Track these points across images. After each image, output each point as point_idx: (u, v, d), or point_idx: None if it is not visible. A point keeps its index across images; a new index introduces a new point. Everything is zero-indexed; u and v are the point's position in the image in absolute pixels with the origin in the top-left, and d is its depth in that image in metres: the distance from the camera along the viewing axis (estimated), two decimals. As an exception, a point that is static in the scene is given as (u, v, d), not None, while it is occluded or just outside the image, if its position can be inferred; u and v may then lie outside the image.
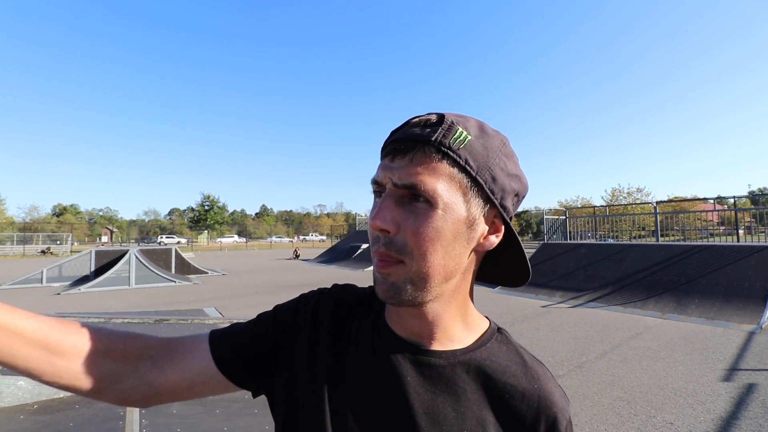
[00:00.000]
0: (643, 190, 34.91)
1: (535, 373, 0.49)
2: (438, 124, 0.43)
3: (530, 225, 67.21)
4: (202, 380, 0.51)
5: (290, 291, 10.48)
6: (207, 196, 59.81)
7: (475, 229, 0.45)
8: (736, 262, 7.25)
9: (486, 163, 0.44)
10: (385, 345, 0.50)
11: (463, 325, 0.51)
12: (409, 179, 0.42)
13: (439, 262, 0.43)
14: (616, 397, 3.53)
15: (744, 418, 3.10)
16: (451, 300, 0.48)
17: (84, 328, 0.49)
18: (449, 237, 0.43)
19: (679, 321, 6.31)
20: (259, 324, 0.56)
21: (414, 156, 0.42)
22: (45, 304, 8.64)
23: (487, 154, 0.44)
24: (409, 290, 0.44)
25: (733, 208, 13.34)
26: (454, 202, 0.43)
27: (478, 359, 0.49)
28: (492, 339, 0.52)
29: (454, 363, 0.48)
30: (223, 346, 0.52)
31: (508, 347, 0.51)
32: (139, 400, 0.51)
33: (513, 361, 0.50)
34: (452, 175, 0.43)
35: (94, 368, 0.47)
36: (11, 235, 37.42)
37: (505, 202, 0.47)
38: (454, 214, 0.43)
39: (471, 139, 0.44)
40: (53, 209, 74.50)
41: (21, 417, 2.55)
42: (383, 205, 0.43)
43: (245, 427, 2.69)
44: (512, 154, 0.48)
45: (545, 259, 10.48)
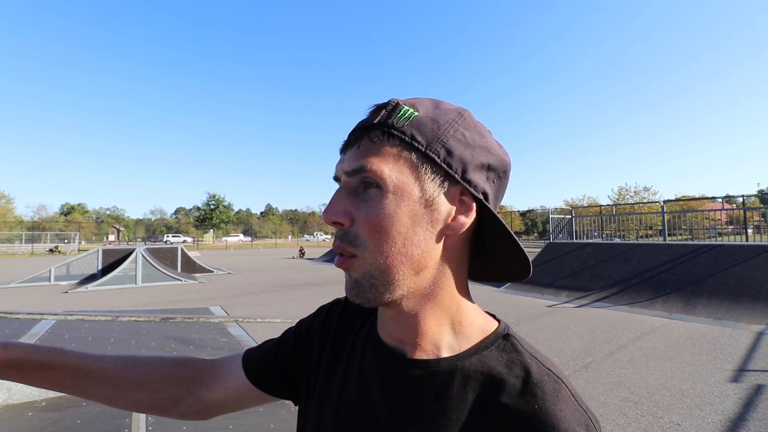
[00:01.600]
0: (651, 189, 34.63)
1: (539, 390, 0.39)
2: (383, 108, 0.42)
3: (536, 224, 66.96)
4: (242, 394, 0.57)
5: (295, 290, 10.51)
6: (213, 196, 60.12)
7: (436, 209, 0.41)
8: (745, 261, 7.16)
9: (437, 136, 0.40)
10: (370, 352, 0.48)
11: (453, 328, 0.44)
12: (355, 164, 0.40)
13: (399, 250, 0.40)
14: (622, 397, 3.51)
15: (752, 420, 3.06)
16: (431, 297, 0.43)
17: (145, 361, 0.58)
18: (405, 221, 0.39)
19: (686, 321, 6.25)
20: (283, 338, 0.60)
21: (360, 143, 0.41)
22: (53, 302, 8.74)
23: (437, 126, 0.40)
24: (371, 286, 0.40)
25: (742, 207, 13.18)
26: (405, 182, 0.40)
27: (466, 370, 0.42)
28: (492, 346, 0.43)
29: (434, 373, 0.42)
30: (252, 363, 0.58)
31: (511, 356, 0.42)
32: (197, 415, 0.59)
33: (513, 374, 0.40)
34: (399, 154, 0.40)
35: (156, 396, 0.56)
36: (20, 234, 37.88)
37: (469, 175, 0.41)
38: (406, 195, 0.39)
39: (418, 114, 0.41)
40: (61, 208, 75.37)
41: (30, 414, 2.58)
42: (334, 197, 0.42)
43: (250, 425, 2.70)
44: (474, 126, 0.43)
45: (551, 259, 10.42)
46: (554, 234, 12.92)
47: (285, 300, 8.96)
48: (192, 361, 0.60)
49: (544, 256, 10.71)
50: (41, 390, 2.79)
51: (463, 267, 0.45)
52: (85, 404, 2.73)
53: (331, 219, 0.41)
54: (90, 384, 0.54)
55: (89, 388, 0.54)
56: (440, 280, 0.43)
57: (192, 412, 0.58)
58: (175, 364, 0.59)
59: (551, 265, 10.11)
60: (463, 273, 0.45)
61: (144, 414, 2.57)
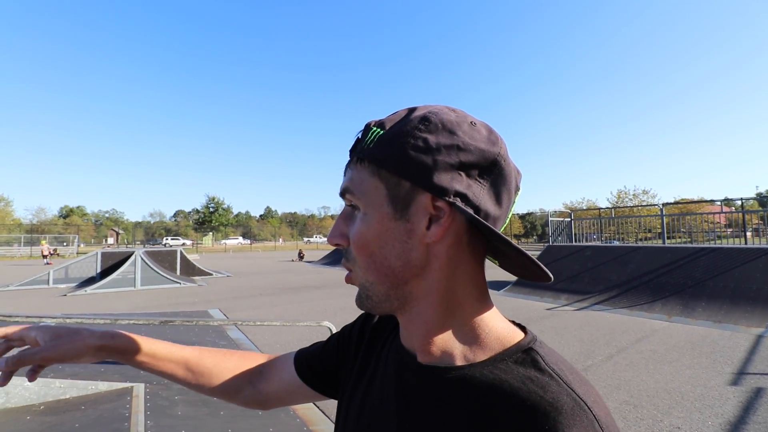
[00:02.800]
0: (650, 191, 34.76)
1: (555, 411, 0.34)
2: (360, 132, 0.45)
3: (535, 227, 67.04)
4: (293, 389, 0.63)
5: (294, 293, 10.49)
6: (212, 198, 60.09)
7: (409, 221, 0.41)
8: (744, 264, 7.17)
9: (396, 150, 0.41)
10: (392, 355, 0.50)
11: (465, 336, 0.43)
12: (340, 191, 0.46)
13: (380, 264, 0.42)
14: (622, 400, 3.50)
15: (752, 423, 3.06)
16: (433, 305, 0.43)
17: (215, 353, 0.68)
18: (380, 237, 0.42)
19: (685, 324, 6.24)
20: (329, 340, 0.65)
21: (346, 169, 0.46)
22: (51, 305, 8.71)
23: (396, 139, 0.41)
24: (366, 297, 0.45)
25: (741, 210, 13.21)
26: (376, 201, 0.42)
27: (476, 381, 0.40)
28: (509, 359, 0.40)
29: (437, 382, 0.42)
30: (301, 361, 0.64)
31: (529, 371, 0.38)
32: (257, 404, 0.67)
33: (527, 391, 0.37)
34: (368, 175, 0.42)
35: (223, 384, 0.66)
36: (18, 237, 37.80)
37: (436, 180, 0.39)
38: (378, 213, 0.42)
39: (382, 133, 0.42)
40: (60, 211, 75.31)
41: (28, 417, 2.57)
42: (335, 222, 0.47)
43: (249, 429, 2.69)
44: (443, 127, 0.41)
45: (550, 262, 10.42)
46: (553, 237, 12.93)
47: (284, 303, 8.95)
48: (254, 356, 0.70)
49: (544, 259, 10.71)
50: (39, 393, 2.78)
51: (465, 272, 0.43)
52: (84, 408, 2.72)
53: (331, 242, 0.46)
54: (173, 369, 0.65)
55: (172, 373, 0.65)
56: (437, 287, 0.43)
57: (252, 401, 0.67)
58: (240, 358, 0.69)
59: (550, 268, 9.79)
60: (467, 278, 0.43)
61: (143, 417, 2.57)
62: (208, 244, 52.95)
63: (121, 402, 2.81)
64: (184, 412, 2.80)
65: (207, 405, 2.97)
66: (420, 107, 0.44)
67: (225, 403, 3.05)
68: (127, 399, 2.85)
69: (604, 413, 0.36)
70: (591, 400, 0.36)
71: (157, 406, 2.79)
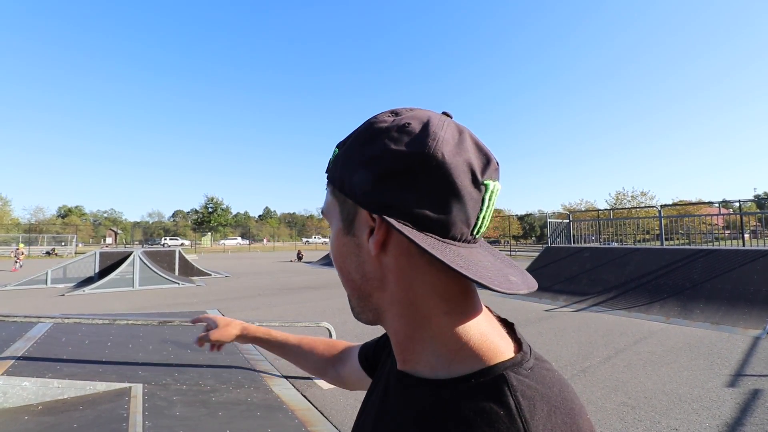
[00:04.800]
0: (648, 193, 34.87)
1: None
2: None
3: (533, 228, 67.11)
4: (361, 376, 0.69)
5: (293, 293, 10.49)
6: (210, 199, 60.12)
7: (356, 235, 0.41)
8: (742, 266, 7.19)
9: (337, 166, 0.42)
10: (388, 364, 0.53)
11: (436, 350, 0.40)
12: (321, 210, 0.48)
13: (346, 276, 0.45)
14: (620, 402, 3.51)
15: (749, 424, 3.07)
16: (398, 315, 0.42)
17: (310, 340, 0.85)
18: (340, 252, 0.44)
19: (683, 326, 6.26)
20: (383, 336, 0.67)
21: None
22: (49, 305, 8.69)
23: (343, 156, 0.42)
24: (351, 307, 0.47)
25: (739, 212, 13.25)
26: (335, 218, 0.45)
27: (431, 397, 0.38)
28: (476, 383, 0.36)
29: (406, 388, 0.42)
30: (362, 351, 0.70)
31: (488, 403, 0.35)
32: (341, 384, 0.78)
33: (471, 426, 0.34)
34: (330, 194, 0.45)
35: (315, 364, 0.82)
36: (17, 236, 37.69)
37: (367, 193, 0.38)
38: (334, 228, 0.45)
39: (338, 152, 0.43)
40: (58, 211, 75.10)
41: (26, 418, 2.56)
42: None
43: (247, 429, 2.69)
44: (369, 138, 0.40)
45: (549, 263, 10.44)
46: (552, 238, 12.95)
47: (283, 303, 8.94)
48: (337, 344, 0.83)
49: (542, 261, 10.72)
50: (37, 393, 2.78)
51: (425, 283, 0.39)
52: (82, 408, 2.72)
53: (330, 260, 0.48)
54: (285, 353, 0.86)
55: (286, 356, 0.86)
56: (398, 299, 0.41)
57: (336, 381, 0.79)
58: (326, 344, 0.83)
59: (549, 270, 10.13)
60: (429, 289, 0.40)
61: (141, 417, 2.56)
62: (207, 245, 52.88)
63: (120, 402, 2.80)
64: (183, 412, 2.79)
65: (205, 405, 2.97)
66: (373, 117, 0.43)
67: (223, 404, 3.05)
68: (126, 399, 2.85)
69: None
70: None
71: (155, 406, 2.79)
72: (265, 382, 3.79)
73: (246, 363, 4.33)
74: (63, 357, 3.44)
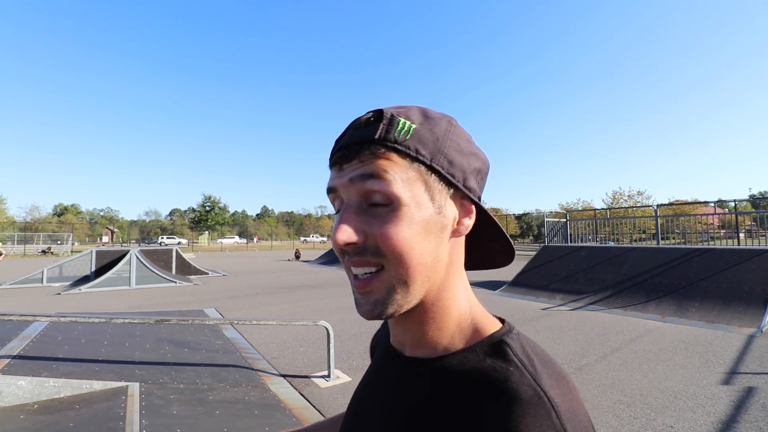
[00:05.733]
0: (644, 193, 35.01)
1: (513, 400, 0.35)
2: (378, 121, 0.42)
3: (531, 227, 67.25)
4: None
5: (291, 292, 10.48)
6: (208, 197, 59.89)
7: (445, 216, 0.43)
8: (737, 265, 7.24)
9: (438, 147, 0.42)
10: (383, 355, 0.53)
11: (450, 329, 0.44)
12: (364, 180, 0.40)
13: (418, 260, 0.41)
14: (616, 400, 3.53)
15: (744, 422, 3.09)
16: (435, 301, 0.44)
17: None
18: (421, 232, 0.41)
19: (679, 324, 6.30)
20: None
21: (362, 157, 0.41)
22: (45, 303, 8.65)
23: (436, 138, 0.42)
24: (392, 301, 0.41)
25: (734, 212, 13.33)
26: (417, 195, 0.41)
27: (448, 369, 0.42)
28: (481, 349, 0.42)
29: (421, 372, 0.44)
30: None
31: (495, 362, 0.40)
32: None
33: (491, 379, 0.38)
34: (406, 168, 0.41)
35: None
36: (12, 235, 37.47)
37: (468, 182, 0.44)
38: (419, 206, 0.41)
39: (416, 127, 0.42)
40: (54, 209, 74.64)
41: (21, 417, 2.55)
42: (344, 217, 0.41)
43: (245, 428, 2.69)
44: (463, 133, 0.46)
45: (546, 262, 10.47)
46: (549, 237, 12.99)
47: (280, 302, 8.93)
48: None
49: (539, 260, 10.75)
50: (33, 392, 2.77)
51: (460, 266, 0.47)
52: (78, 407, 2.71)
53: (346, 240, 0.40)
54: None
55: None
56: (446, 283, 0.44)
57: None
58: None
59: (546, 269, 10.16)
60: (463, 273, 0.47)
61: (138, 416, 2.56)
62: (204, 243, 52.73)
63: (116, 401, 2.80)
64: (180, 411, 2.79)
65: (203, 404, 2.97)
66: (425, 108, 0.46)
67: (221, 402, 3.05)
68: (122, 398, 2.84)
69: (567, 406, 0.36)
70: (555, 392, 0.36)
71: (152, 405, 2.78)
72: (263, 380, 3.79)
73: (243, 362, 4.32)
74: (59, 356, 3.43)
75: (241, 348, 4.91)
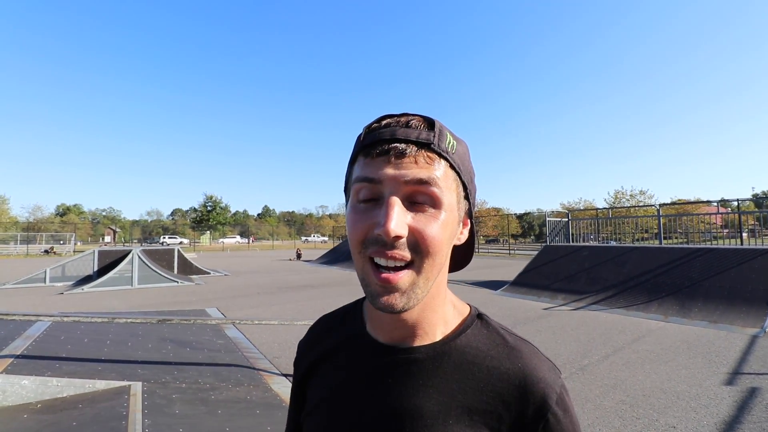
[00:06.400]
0: (647, 192, 34.90)
1: (518, 352, 0.49)
2: (431, 128, 0.46)
3: (532, 227, 67.12)
4: None
5: (292, 292, 10.49)
6: (209, 197, 60.04)
7: (459, 225, 0.50)
8: (740, 265, 7.21)
9: (466, 167, 0.50)
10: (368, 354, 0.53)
11: (444, 316, 0.52)
12: (422, 178, 0.44)
13: (441, 261, 0.46)
14: (618, 400, 3.52)
15: (747, 422, 3.08)
16: (435, 295, 0.50)
17: None
18: (450, 237, 0.47)
19: (682, 324, 6.28)
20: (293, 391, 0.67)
21: (417, 158, 0.44)
22: (48, 303, 8.68)
23: (466, 158, 0.51)
24: (414, 295, 0.44)
25: (737, 211, 13.28)
26: (454, 203, 0.47)
27: (458, 347, 0.50)
28: (472, 325, 0.52)
29: (433, 355, 0.50)
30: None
31: (488, 330, 0.52)
32: None
33: (494, 344, 0.50)
34: (451, 179, 0.47)
35: None
36: (15, 235, 37.60)
37: (473, 200, 0.53)
38: (453, 214, 0.47)
39: (455, 144, 0.48)
40: (57, 209, 74.92)
41: (24, 416, 2.56)
42: (395, 210, 0.42)
43: (247, 427, 2.69)
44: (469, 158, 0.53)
45: (547, 262, 10.45)
46: (551, 237, 12.97)
47: (282, 302, 8.94)
48: None
49: (541, 259, 10.74)
50: (36, 392, 2.78)
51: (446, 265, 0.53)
52: (81, 406, 2.72)
53: (397, 232, 0.42)
54: None
55: None
56: (441, 280, 0.50)
57: None
58: None
59: (548, 268, 10.14)
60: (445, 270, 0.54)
61: (140, 415, 2.56)
62: (206, 243, 52.84)
63: (119, 400, 2.80)
64: (182, 410, 2.80)
65: (205, 403, 2.97)
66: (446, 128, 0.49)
67: (223, 402, 3.05)
68: (125, 397, 2.85)
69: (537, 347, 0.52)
70: (528, 340, 0.52)
71: (154, 404, 2.79)
72: (265, 380, 3.80)
73: (245, 361, 4.33)
74: (62, 355, 3.44)
75: (243, 348, 4.91)
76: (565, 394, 0.48)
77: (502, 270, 14.13)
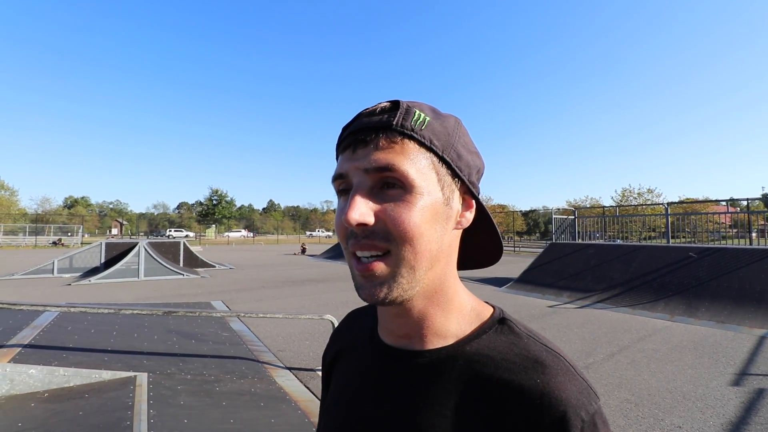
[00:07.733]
0: (654, 190, 34.47)
1: (540, 365, 0.41)
2: (395, 109, 0.43)
3: (538, 224, 66.76)
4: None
5: (297, 286, 10.53)
6: (215, 191, 60.27)
7: (451, 207, 0.45)
8: (748, 265, 7.13)
9: (449, 141, 0.45)
10: (375, 357, 0.51)
11: (455, 316, 0.47)
12: (379, 163, 0.41)
13: (425, 247, 0.42)
14: (623, 399, 3.50)
15: (754, 424, 3.05)
16: (438, 290, 0.46)
17: None
18: (430, 219, 0.42)
19: (688, 324, 6.22)
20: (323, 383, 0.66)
21: (377, 142, 0.42)
22: (56, 294, 8.79)
23: (447, 132, 0.45)
24: (397, 285, 0.41)
25: (746, 211, 13.10)
26: (429, 183, 0.42)
27: (467, 353, 0.44)
28: (491, 330, 0.46)
29: (438, 361, 0.45)
30: None
31: (510, 337, 0.45)
32: None
33: (513, 353, 0.43)
34: (420, 157, 0.42)
35: None
36: (24, 226, 38.06)
37: (471, 178, 0.47)
38: (431, 194, 0.42)
39: (430, 119, 0.44)
40: (65, 201, 75.81)
41: (32, 405, 2.59)
42: (356, 197, 0.41)
43: (251, 419, 2.71)
44: (467, 133, 0.49)
45: (553, 259, 10.39)
46: (557, 234, 12.89)
47: (286, 296, 8.98)
48: None
49: (546, 257, 10.68)
50: (44, 381, 2.81)
51: (455, 257, 0.49)
52: (87, 396, 2.75)
53: (359, 221, 0.40)
54: None
55: None
56: (446, 272, 0.46)
57: None
58: None
59: (553, 266, 10.09)
60: (454, 264, 0.49)
61: (146, 405, 2.58)
62: (212, 237, 53.16)
63: (125, 391, 2.83)
64: (187, 401, 2.82)
65: (209, 395, 2.99)
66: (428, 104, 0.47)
67: (227, 394, 3.07)
68: (131, 388, 2.87)
69: (572, 359, 0.43)
70: (561, 351, 0.44)
71: (160, 395, 2.81)
72: (269, 373, 3.82)
73: (250, 354, 4.35)
74: (69, 345, 3.47)
75: (248, 340, 4.94)
76: (601, 425, 0.39)
77: (507, 267, 14.07)
